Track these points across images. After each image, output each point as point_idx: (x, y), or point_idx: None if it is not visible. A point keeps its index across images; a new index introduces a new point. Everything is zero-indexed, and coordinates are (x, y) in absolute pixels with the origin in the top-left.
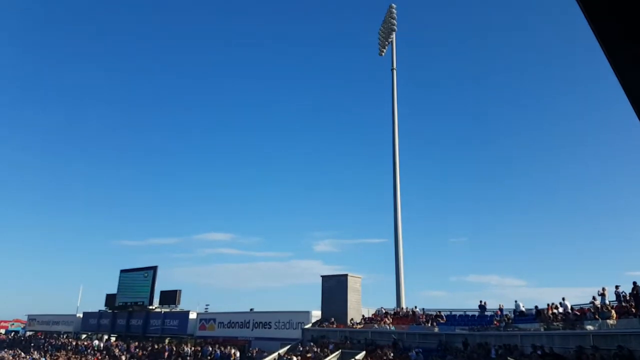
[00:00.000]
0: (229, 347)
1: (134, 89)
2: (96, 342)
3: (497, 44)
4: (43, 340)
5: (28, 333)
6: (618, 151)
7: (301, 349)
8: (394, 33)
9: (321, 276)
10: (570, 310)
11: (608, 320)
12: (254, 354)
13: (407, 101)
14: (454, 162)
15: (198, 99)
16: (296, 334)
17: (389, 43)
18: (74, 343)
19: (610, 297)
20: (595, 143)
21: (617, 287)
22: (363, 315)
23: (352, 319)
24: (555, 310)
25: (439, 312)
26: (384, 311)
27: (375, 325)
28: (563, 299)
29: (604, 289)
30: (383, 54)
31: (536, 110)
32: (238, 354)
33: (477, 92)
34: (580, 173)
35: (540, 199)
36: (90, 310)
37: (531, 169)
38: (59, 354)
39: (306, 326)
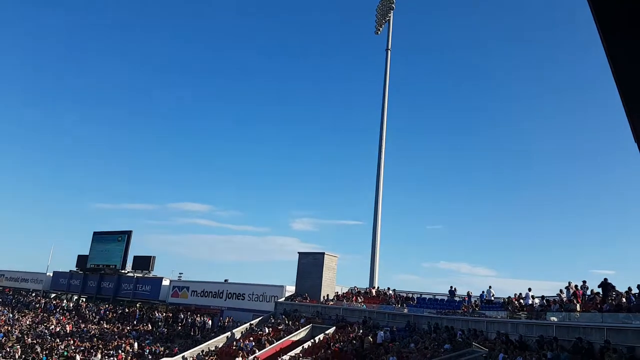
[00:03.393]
0: (201, 315)
1: (114, 47)
2: (65, 302)
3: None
4: (11, 297)
5: None
6: (601, 150)
7: (273, 321)
8: (391, 12)
9: (298, 252)
10: (533, 301)
11: (572, 313)
12: (226, 323)
13: (398, 85)
14: (439, 151)
15: (186, 65)
16: (269, 306)
17: (385, 22)
18: (42, 301)
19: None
20: (579, 139)
21: (584, 282)
22: (336, 293)
23: (325, 296)
24: (522, 300)
25: (410, 294)
26: (356, 290)
27: (346, 303)
28: (529, 289)
29: (570, 284)
30: (379, 32)
31: (522, 104)
32: (210, 322)
33: (469, 85)
34: (556, 170)
35: (517, 195)
36: (60, 270)
37: (509, 162)
38: (27, 310)
39: (279, 300)
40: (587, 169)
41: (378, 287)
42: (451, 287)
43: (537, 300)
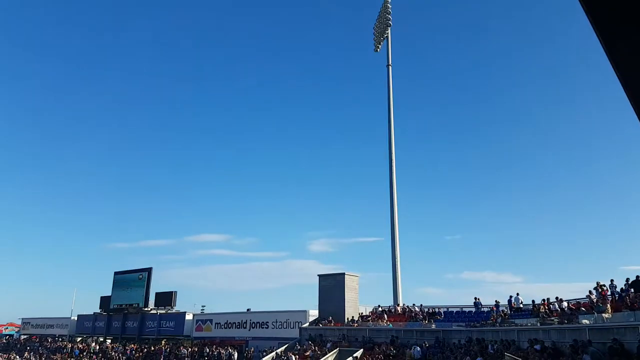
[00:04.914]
0: (227, 347)
1: (127, 88)
2: (93, 344)
3: (496, 33)
4: (38, 344)
5: (22, 336)
6: (618, 149)
7: (299, 347)
8: (389, 28)
9: (318, 275)
10: (565, 307)
11: (603, 314)
12: (252, 354)
13: (403, 97)
14: (449, 160)
15: (188, 98)
16: (294, 333)
17: (384, 39)
18: (69, 346)
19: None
20: (596, 141)
21: (612, 281)
22: (360, 313)
23: (349, 318)
24: (551, 306)
25: (437, 308)
26: (380, 309)
27: (372, 323)
28: (558, 299)
29: (598, 284)
30: (378, 50)
31: (535, 105)
32: (236, 354)
33: (473, 85)
34: (575, 170)
35: (534, 196)
36: (84, 313)
37: (524, 165)
38: (54, 356)
39: (303, 325)
40: (608, 163)
41: (403, 304)
42: (475, 298)
43: (565, 304)
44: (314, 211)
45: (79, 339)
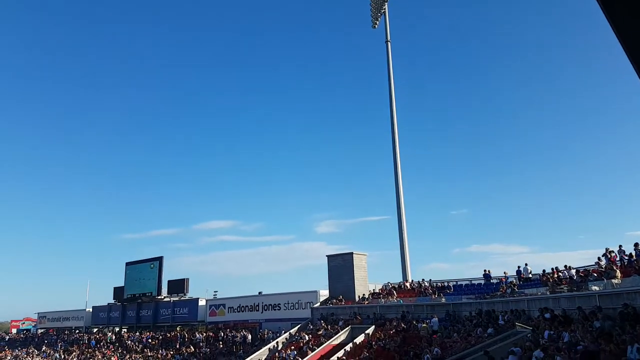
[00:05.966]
0: (241, 330)
1: (137, 80)
2: (109, 334)
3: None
4: (55, 337)
5: (39, 330)
6: (620, 117)
7: (311, 327)
8: (386, 3)
9: (327, 256)
10: (574, 275)
11: (613, 280)
12: (266, 335)
13: (404, 72)
14: (452, 133)
15: (191, 85)
16: (306, 313)
17: (381, 14)
18: (85, 337)
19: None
20: (598, 108)
21: (620, 247)
22: (371, 291)
23: (360, 295)
24: (560, 274)
25: (446, 282)
26: (390, 285)
27: (382, 300)
28: (567, 267)
29: (607, 250)
30: (376, 26)
31: (538, 74)
32: (250, 337)
33: (475, 54)
34: (579, 139)
35: (539, 166)
36: (99, 304)
37: (528, 134)
38: (72, 348)
39: (315, 305)
40: (611, 130)
41: (412, 280)
42: (485, 270)
43: (573, 272)
44: (319, 193)
45: (95, 329)
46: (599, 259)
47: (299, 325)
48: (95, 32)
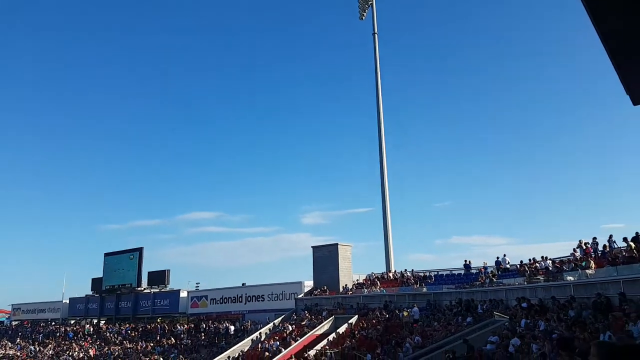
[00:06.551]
0: (223, 322)
1: (116, 69)
2: (87, 326)
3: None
4: (30, 329)
5: (14, 322)
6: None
7: (295, 317)
8: None
9: (312, 247)
10: (550, 265)
11: (587, 271)
12: (249, 326)
13: (391, 65)
14: (437, 126)
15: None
16: (289, 304)
17: (369, 6)
18: (62, 329)
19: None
20: (583, 102)
21: (594, 239)
22: (355, 281)
23: (344, 286)
24: (537, 265)
25: (427, 272)
26: (374, 276)
27: (366, 290)
28: (544, 257)
29: (581, 242)
30: (364, 17)
31: (523, 67)
32: (232, 328)
33: (462, 49)
34: (557, 129)
35: (519, 161)
36: (76, 296)
37: (509, 126)
38: (48, 340)
39: (299, 296)
40: (591, 126)
41: (395, 270)
42: (466, 260)
43: (550, 263)
44: (305, 184)
45: (72, 321)
46: (574, 250)
47: (282, 316)
48: None
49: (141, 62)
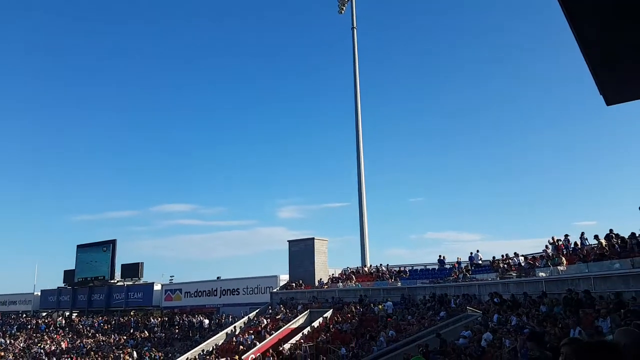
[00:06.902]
0: (197, 316)
1: (85, 60)
2: (59, 318)
3: None
4: (1, 321)
5: None
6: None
7: (270, 311)
8: None
9: (288, 241)
10: (522, 262)
11: (559, 267)
12: (223, 320)
13: (369, 60)
14: (413, 122)
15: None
16: (265, 298)
17: (348, 0)
18: (34, 322)
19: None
20: (565, 100)
21: (566, 236)
22: (330, 275)
23: (320, 280)
24: (510, 261)
25: (402, 267)
26: (349, 270)
27: (341, 284)
28: (516, 254)
29: (553, 238)
30: (343, 11)
31: (502, 63)
32: (207, 322)
33: (442, 44)
34: (530, 126)
35: (492, 158)
36: (48, 288)
37: (479, 124)
38: (19, 333)
39: (274, 290)
40: (560, 124)
41: (371, 265)
42: (440, 256)
43: (522, 259)
44: (282, 179)
45: (44, 314)
46: (546, 246)
47: (257, 310)
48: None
49: (116, 51)
